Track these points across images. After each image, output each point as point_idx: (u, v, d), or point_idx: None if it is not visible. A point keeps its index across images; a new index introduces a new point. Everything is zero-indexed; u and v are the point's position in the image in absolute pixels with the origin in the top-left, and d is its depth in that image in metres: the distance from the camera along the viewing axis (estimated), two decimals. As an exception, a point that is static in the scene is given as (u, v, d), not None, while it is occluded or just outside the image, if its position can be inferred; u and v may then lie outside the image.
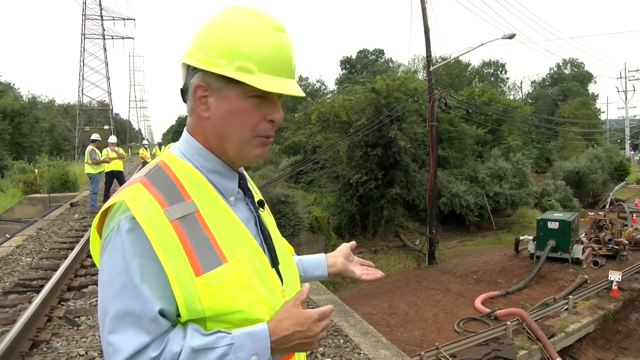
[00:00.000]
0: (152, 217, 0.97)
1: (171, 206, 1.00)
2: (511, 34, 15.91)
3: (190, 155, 1.10)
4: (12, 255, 8.10)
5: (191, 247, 0.98)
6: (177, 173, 1.07)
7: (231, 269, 1.01)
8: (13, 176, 20.15)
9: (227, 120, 1.06)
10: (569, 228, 13.15)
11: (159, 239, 0.96)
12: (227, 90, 1.04)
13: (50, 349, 4.34)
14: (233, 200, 1.13)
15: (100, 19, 50.16)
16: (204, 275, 0.98)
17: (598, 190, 30.77)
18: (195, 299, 0.97)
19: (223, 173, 1.11)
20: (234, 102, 1.05)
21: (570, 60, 65.52)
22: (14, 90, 48.77)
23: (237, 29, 1.03)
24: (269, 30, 1.04)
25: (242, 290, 1.01)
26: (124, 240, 0.97)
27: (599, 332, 10.28)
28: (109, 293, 0.97)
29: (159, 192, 1.02)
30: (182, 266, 0.97)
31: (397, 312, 11.34)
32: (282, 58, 1.06)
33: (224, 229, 1.05)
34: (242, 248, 1.06)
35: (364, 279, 1.52)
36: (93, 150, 12.58)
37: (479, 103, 26.01)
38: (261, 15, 1.06)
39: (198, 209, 1.03)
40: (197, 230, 1.01)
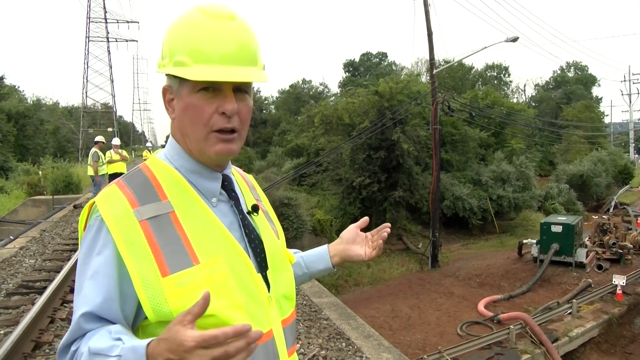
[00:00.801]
0: (120, 216, 0.99)
1: (142, 206, 1.01)
2: (514, 37, 15.89)
3: (172, 157, 1.12)
4: (16, 256, 8.12)
5: (159, 247, 0.98)
6: (156, 174, 1.08)
7: (203, 270, 0.99)
8: (17, 178, 20.27)
9: (183, 117, 1.07)
10: (573, 232, 13.10)
11: (124, 238, 0.97)
12: (181, 89, 1.05)
13: (52, 350, 4.35)
14: (215, 201, 1.11)
15: (104, 21, 50.34)
16: (172, 276, 0.97)
17: (602, 194, 30.64)
18: (161, 299, 0.96)
19: (203, 174, 1.11)
20: (186, 99, 1.05)
21: (574, 63, 65.31)
22: (18, 92, 48.96)
23: (177, 26, 1.05)
24: (205, 19, 1.02)
25: (215, 294, 0.96)
26: (90, 239, 1.00)
27: (603, 336, 10.22)
28: (76, 289, 1.01)
29: (132, 192, 1.03)
30: (147, 266, 0.96)
31: (399, 316, 11.31)
32: (217, 45, 1.02)
33: (200, 231, 1.04)
34: (222, 250, 1.04)
35: (373, 255, 1.43)
36: (96, 153, 12.61)
37: (482, 106, 25.98)
38: (203, 7, 1.04)
39: (174, 210, 1.03)
40: (169, 231, 1.00)
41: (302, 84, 55.46)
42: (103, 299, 0.96)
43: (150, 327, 1.01)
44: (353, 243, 1.45)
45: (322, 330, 4.83)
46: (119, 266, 0.97)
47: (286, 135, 33.79)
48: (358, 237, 1.45)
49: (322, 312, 5.40)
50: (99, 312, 0.97)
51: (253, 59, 1.07)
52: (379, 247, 1.42)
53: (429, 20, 16.36)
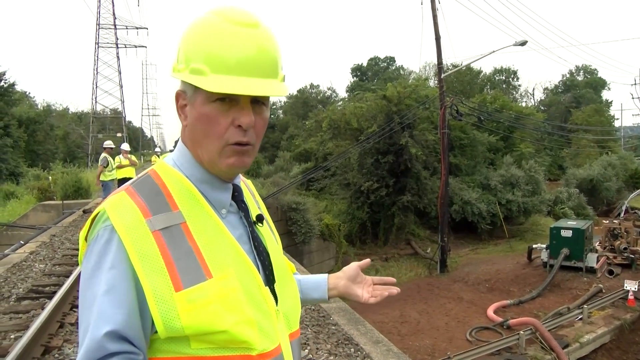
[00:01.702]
0: (132, 226, 0.92)
1: (155, 216, 0.95)
2: (523, 41, 15.84)
3: (182, 164, 1.05)
4: (26, 261, 8.16)
5: (172, 260, 0.92)
6: (166, 182, 1.01)
7: (216, 285, 0.94)
8: (28, 183, 20.38)
9: (196, 127, 1.01)
10: (583, 236, 13.01)
11: (137, 249, 0.91)
12: (195, 96, 0.99)
13: (62, 355, 4.36)
14: (225, 212, 1.06)
15: (113, 28, 50.67)
16: (185, 291, 0.91)
17: (612, 198, 30.40)
18: (174, 315, 0.91)
19: (213, 184, 1.05)
20: (200, 108, 0.98)
21: (583, 67, 64.99)
22: (29, 98, 49.53)
23: (195, 31, 0.99)
24: (227, 26, 0.96)
25: (227, 309, 0.94)
26: (100, 250, 0.92)
27: (615, 342, 10.12)
28: (82, 305, 0.93)
29: (143, 201, 0.96)
30: (160, 280, 0.91)
31: (408, 321, 11.26)
32: (240, 55, 0.95)
33: (212, 243, 0.99)
34: (232, 263, 0.99)
35: (371, 302, 1.39)
36: (105, 158, 12.67)
37: (491, 110, 25.91)
38: (224, 12, 0.98)
39: (185, 221, 0.97)
40: (181, 243, 0.95)
41: (310, 89, 55.63)
42: (124, 316, 0.90)
43: (157, 342, 0.95)
44: (354, 281, 1.40)
45: (331, 335, 4.81)
46: (134, 280, 0.91)
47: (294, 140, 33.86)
48: (359, 277, 1.40)
49: (330, 317, 5.38)
50: (122, 330, 0.90)
51: (274, 70, 1.01)
52: (381, 297, 1.39)
53: (437, 24, 16.35)
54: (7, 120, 31.44)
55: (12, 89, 33.98)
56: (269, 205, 16.40)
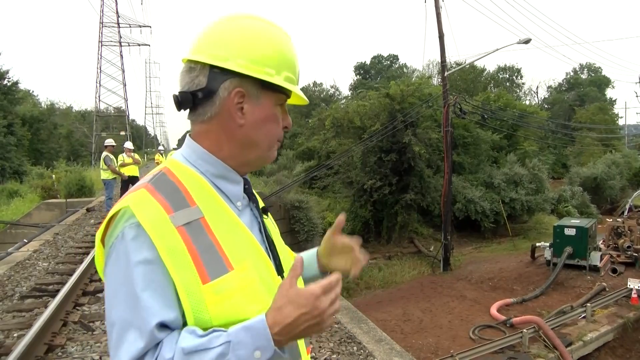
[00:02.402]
0: (158, 223, 0.94)
1: (176, 212, 0.97)
2: (527, 39, 15.78)
3: (194, 161, 1.08)
4: (29, 259, 8.20)
5: (197, 254, 0.95)
6: (181, 179, 1.03)
7: (237, 276, 0.98)
8: (31, 181, 20.46)
9: (261, 126, 1.07)
10: (586, 235, 12.96)
11: (166, 245, 0.93)
12: (263, 98, 1.06)
13: (65, 353, 4.37)
14: (240, 205, 1.10)
15: (117, 26, 50.82)
16: (211, 283, 0.95)
17: (616, 197, 30.30)
18: (203, 307, 0.94)
19: (229, 178, 1.09)
20: (269, 109, 1.07)
21: (587, 65, 64.68)
22: (32, 97, 49.56)
23: (277, 41, 1.07)
24: (290, 43, 1.11)
25: (248, 299, 0.98)
26: (128, 247, 0.93)
27: (618, 341, 10.08)
28: (114, 304, 0.93)
29: (164, 197, 0.98)
30: (189, 274, 0.93)
31: (411, 319, 11.25)
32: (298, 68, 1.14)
33: (229, 236, 1.02)
34: (248, 255, 1.03)
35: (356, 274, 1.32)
36: (108, 157, 12.69)
37: (495, 108, 25.84)
38: (277, 25, 1.10)
39: (203, 215, 1.00)
40: (202, 237, 0.97)
41: (313, 87, 55.61)
42: (168, 308, 0.93)
43: None
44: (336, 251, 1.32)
45: (333, 334, 4.81)
46: (164, 275, 0.93)
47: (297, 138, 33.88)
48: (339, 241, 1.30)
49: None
50: (169, 322, 0.93)
51: None
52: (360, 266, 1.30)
53: (441, 22, 16.30)
54: (11, 119, 31.53)
55: (15, 87, 34.09)
56: (272, 203, 16.41)
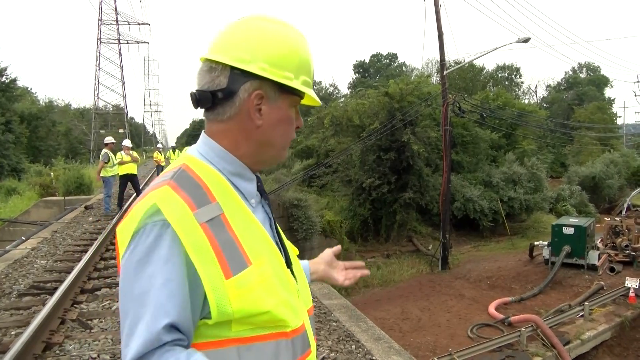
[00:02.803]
0: (183, 219, 0.96)
1: (200, 208, 0.99)
2: (526, 38, 15.78)
3: (212, 158, 1.10)
4: (27, 257, 8.18)
5: (220, 250, 0.98)
6: (201, 175, 1.06)
7: (256, 271, 1.01)
8: (30, 179, 20.44)
9: (277, 127, 1.11)
10: (585, 234, 12.98)
11: (192, 242, 0.95)
12: (280, 100, 1.10)
13: (63, 351, 4.37)
14: (254, 202, 1.14)
15: (115, 23, 50.74)
16: (233, 278, 0.98)
17: (614, 196, 30.33)
18: (226, 301, 0.97)
19: (245, 176, 1.13)
20: (285, 111, 1.12)
21: (586, 64, 64.70)
22: (31, 94, 49.54)
23: (297, 44, 1.10)
24: (307, 46, 1.13)
25: (267, 292, 1.02)
26: (150, 244, 0.95)
27: (616, 339, 10.11)
28: (128, 295, 0.95)
29: (187, 194, 1.00)
30: (213, 269, 0.96)
31: (409, 318, 11.26)
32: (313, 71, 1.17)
33: (246, 232, 1.05)
34: (263, 250, 1.07)
35: (346, 284, 1.54)
36: (106, 154, 12.67)
37: (493, 107, 25.84)
38: (301, 32, 1.13)
39: (223, 212, 1.02)
40: (223, 233, 1.00)
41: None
42: (179, 307, 0.94)
43: (202, 329, 1.00)
44: (330, 266, 1.54)
45: (332, 332, 4.81)
46: (188, 272, 0.95)
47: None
48: (334, 262, 1.55)
49: (331, 314, 5.37)
50: (177, 321, 0.94)
51: None
52: (354, 279, 1.55)
53: (440, 21, 16.29)
54: (9, 116, 31.50)
55: (13, 84, 34.04)
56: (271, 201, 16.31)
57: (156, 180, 1.08)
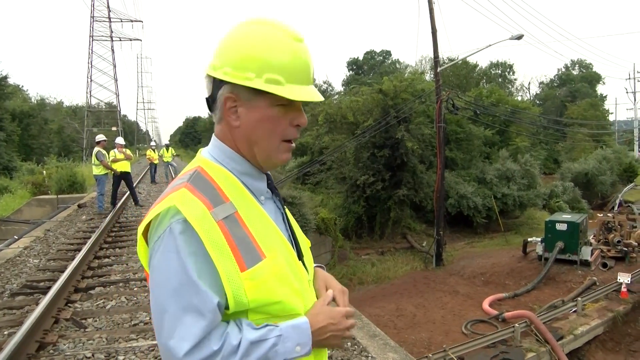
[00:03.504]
0: (202, 218, 1.05)
1: (215, 208, 1.08)
2: (519, 35, 15.82)
3: (222, 160, 1.19)
4: (20, 256, 8.13)
5: (235, 245, 1.07)
6: (214, 177, 1.15)
7: (269, 263, 1.10)
8: (22, 177, 20.33)
9: (257, 128, 1.15)
10: (578, 230, 13.05)
11: (209, 238, 1.04)
12: (256, 100, 1.13)
13: (57, 351, 4.34)
14: (263, 199, 1.22)
15: (108, 21, 50.44)
16: (248, 271, 1.07)
17: (607, 192, 30.53)
18: (242, 292, 1.06)
19: (253, 175, 1.20)
20: (263, 111, 1.13)
21: (579, 61, 65.00)
22: (22, 92, 49.19)
23: (263, 43, 1.12)
24: (291, 41, 1.13)
25: (280, 283, 1.11)
26: (177, 241, 1.04)
27: (608, 334, 10.18)
28: (166, 292, 1.04)
29: (204, 195, 1.09)
30: (229, 263, 1.05)
31: (404, 314, 11.29)
32: (303, 67, 1.14)
33: (259, 227, 1.14)
34: (276, 243, 1.16)
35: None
36: (100, 152, 12.59)
37: (487, 104, 25.91)
38: (282, 27, 1.14)
39: (237, 210, 1.11)
40: (238, 230, 1.09)
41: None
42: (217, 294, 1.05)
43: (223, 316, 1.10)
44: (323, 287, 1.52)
45: (327, 329, 4.80)
46: (210, 265, 1.05)
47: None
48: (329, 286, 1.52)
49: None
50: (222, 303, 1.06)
51: (313, 78, 1.21)
52: None
53: (434, 18, 16.30)
54: (1, 114, 31.31)
55: (5, 82, 33.75)
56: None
57: (173, 182, 1.18)
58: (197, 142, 77.31)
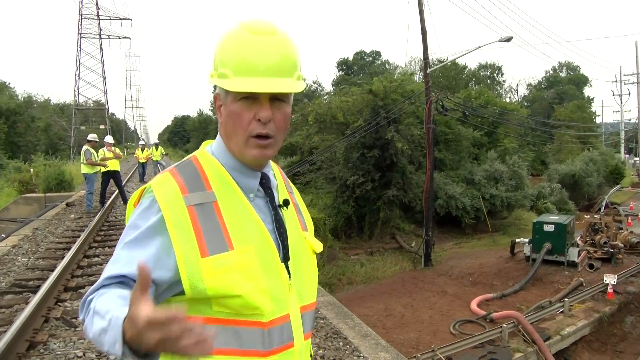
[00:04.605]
0: (171, 200, 1.12)
1: (191, 193, 1.14)
2: (508, 37, 15.92)
3: (219, 154, 1.24)
4: (8, 255, 8.06)
5: (201, 231, 1.11)
6: (204, 166, 1.21)
7: (236, 256, 1.12)
8: (8, 175, 20.07)
9: (227, 123, 1.20)
10: (565, 231, 13.18)
11: (173, 219, 1.10)
12: (227, 97, 1.18)
13: (47, 350, 4.33)
14: (252, 196, 1.24)
15: (97, 18, 50.06)
16: (209, 257, 1.09)
17: (593, 194, 30.86)
18: (198, 277, 1.08)
19: (243, 171, 1.23)
20: (230, 106, 1.17)
21: (566, 64, 65.64)
22: (9, 89, 48.54)
23: (222, 41, 1.18)
24: (247, 35, 1.14)
25: (244, 277, 1.11)
26: (139, 212, 1.14)
27: (595, 335, 10.30)
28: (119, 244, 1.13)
29: (183, 180, 1.16)
30: (189, 246, 1.09)
31: (393, 314, 11.33)
32: (256, 59, 1.12)
33: (238, 221, 1.16)
34: (254, 240, 1.17)
35: None
36: (88, 150, 12.48)
37: (476, 105, 26.05)
38: (246, 24, 1.16)
39: (216, 200, 1.16)
40: (211, 218, 1.13)
41: (295, 82, 55.31)
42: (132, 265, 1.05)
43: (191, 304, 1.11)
44: None
45: (319, 329, 4.83)
46: (161, 241, 1.09)
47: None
48: None
49: (318, 311, 5.39)
50: (128, 273, 1.07)
51: (289, 70, 1.17)
52: None
53: (423, 20, 16.37)
54: (-13, 111, 30.84)
55: (-9, 79, 33.29)
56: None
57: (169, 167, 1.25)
58: (186, 141, 76.94)
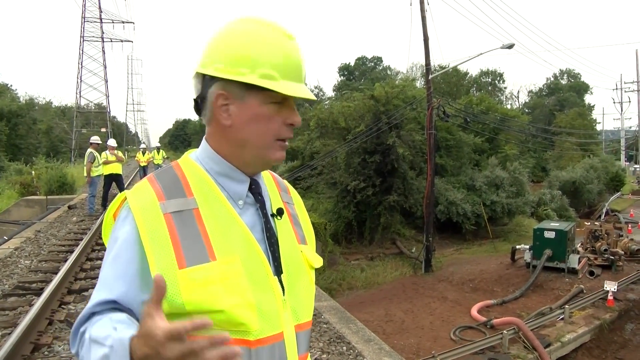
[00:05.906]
0: (146, 207, 1.04)
1: (168, 200, 1.06)
2: (510, 44, 15.97)
3: (202, 159, 1.16)
4: (11, 257, 8.08)
5: (179, 240, 1.02)
6: (185, 173, 1.13)
7: (218, 267, 1.02)
8: (9, 177, 20.10)
9: (250, 125, 1.10)
10: (565, 238, 13.17)
11: (148, 228, 1.02)
12: (248, 98, 1.08)
13: (52, 352, 4.35)
14: (242, 204, 1.14)
15: (99, 21, 50.23)
16: (188, 269, 1.00)
17: (594, 201, 30.85)
18: (176, 290, 0.98)
19: (232, 177, 1.14)
20: (256, 109, 1.09)
21: (567, 71, 65.79)
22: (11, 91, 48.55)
23: (255, 39, 1.08)
24: (283, 38, 1.11)
25: (227, 291, 1.01)
26: (116, 225, 1.08)
27: (595, 342, 10.29)
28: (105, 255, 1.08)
29: (161, 187, 1.08)
30: (166, 256, 1.00)
31: (393, 320, 11.33)
32: (295, 64, 1.11)
33: (222, 229, 1.07)
34: (240, 250, 1.07)
35: None
36: (92, 153, 12.55)
37: (477, 112, 26.11)
38: (273, 25, 1.11)
39: (197, 207, 1.07)
40: (190, 226, 1.04)
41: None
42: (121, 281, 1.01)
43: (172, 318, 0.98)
44: None
45: (323, 334, 4.85)
46: (140, 252, 1.02)
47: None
48: None
49: (322, 315, 5.41)
50: (118, 298, 1.01)
51: (305, 76, 1.17)
52: None
53: (426, 26, 16.42)
54: (-11, 113, 30.88)
55: (-7, 81, 33.34)
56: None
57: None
58: (187, 144, 77.02)
